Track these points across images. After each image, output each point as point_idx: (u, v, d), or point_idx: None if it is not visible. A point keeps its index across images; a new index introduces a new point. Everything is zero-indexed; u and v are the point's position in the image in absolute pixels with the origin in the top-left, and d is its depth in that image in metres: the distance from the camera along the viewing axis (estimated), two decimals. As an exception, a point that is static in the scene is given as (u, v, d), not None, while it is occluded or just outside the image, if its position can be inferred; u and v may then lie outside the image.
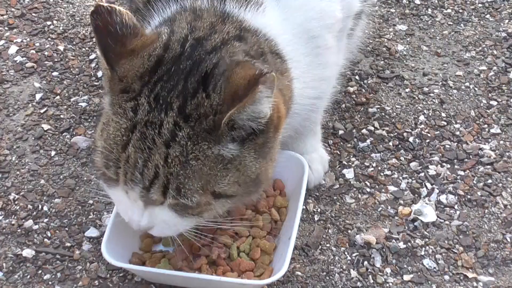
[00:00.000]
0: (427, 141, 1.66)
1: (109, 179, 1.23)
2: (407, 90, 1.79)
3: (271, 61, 1.23)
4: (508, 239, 1.47)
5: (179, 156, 1.15)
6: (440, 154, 1.64)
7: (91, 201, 1.57)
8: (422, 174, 1.60)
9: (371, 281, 1.42)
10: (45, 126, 1.72)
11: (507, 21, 1.96)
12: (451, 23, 1.97)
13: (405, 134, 1.68)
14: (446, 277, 1.42)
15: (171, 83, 1.17)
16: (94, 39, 1.94)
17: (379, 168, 1.61)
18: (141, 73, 1.18)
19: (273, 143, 1.22)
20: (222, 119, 1.13)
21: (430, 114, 1.73)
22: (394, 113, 1.73)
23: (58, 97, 1.80)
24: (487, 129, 1.69)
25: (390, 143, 1.66)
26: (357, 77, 1.82)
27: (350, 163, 1.63)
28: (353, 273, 1.43)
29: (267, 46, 1.24)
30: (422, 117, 1.72)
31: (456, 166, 1.61)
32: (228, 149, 1.17)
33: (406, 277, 1.42)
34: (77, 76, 1.85)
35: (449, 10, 2.00)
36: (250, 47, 1.21)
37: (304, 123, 1.45)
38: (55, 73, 1.85)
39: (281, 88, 1.23)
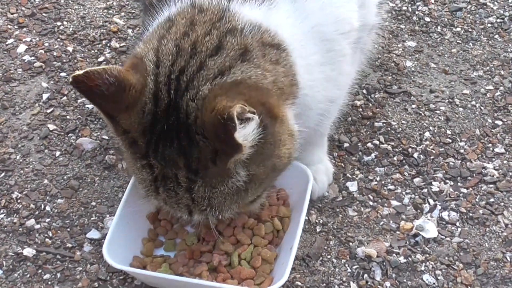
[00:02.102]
0: (432, 157, 1.69)
1: None
2: (413, 106, 1.82)
3: (257, 55, 1.24)
4: (508, 258, 1.50)
5: (202, 199, 1.24)
6: (444, 171, 1.66)
7: (94, 203, 1.60)
8: (425, 190, 1.63)
9: (371, 294, 1.45)
10: (51, 126, 1.75)
11: (515, 42, 2.00)
12: (460, 42, 2.00)
13: (410, 149, 1.71)
14: (445, 294, 1.45)
15: (169, 142, 1.21)
16: (103, 41, 1.98)
17: (383, 182, 1.64)
18: (142, 130, 1.22)
19: (277, 132, 1.23)
20: (225, 160, 1.18)
21: (435, 131, 1.76)
22: (400, 129, 1.76)
23: (65, 98, 1.83)
24: (491, 148, 1.72)
25: (395, 158, 1.69)
26: (364, 91, 1.85)
27: (354, 176, 1.65)
28: (353, 285, 1.45)
29: (256, 39, 1.25)
30: (427, 134, 1.75)
31: (459, 184, 1.64)
32: (240, 176, 1.22)
33: (406, 292, 1.45)
34: (84, 78, 1.88)
35: (458, 29, 2.04)
36: (227, 55, 1.22)
37: (315, 128, 1.47)
38: (63, 74, 1.89)
39: (272, 80, 1.25)
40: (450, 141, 1.73)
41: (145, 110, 1.21)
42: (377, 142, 1.73)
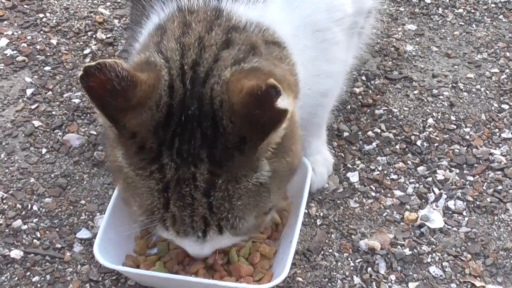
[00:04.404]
0: (436, 145, 1.70)
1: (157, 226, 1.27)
2: (415, 92, 1.83)
3: (264, 52, 1.25)
4: (518, 247, 1.51)
5: (222, 202, 1.19)
6: (449, 159, 1.67)
7: (83, 201, 1.60)
8: (430, 178, 1.63)
9: (375, 288, 1.45)
10: (36, 123, 1.76)
11: (520, 22, 2.01)
12: (462, 24, 2.01)
13: (412, 137, 1.72)
14: (453, 286, 1.45)
15: (188, 134, 1.17)
16: (89, 33, 1.98)
17: (385, 172, 1.65)
18: (154, 127, 1.16)
19: (293, 124, 1.23)
20: (254, 147, 1.14)
21: (439, 117, 1.77)
22: (402, 116, 1.77)
23: (50, 92, 1.83)
24: (498, 134, 1.73)
25: (397, 146, 1.70)
26: (363, 78, 1.86)
27: (355, 166, 1.66)
28: (357, 279, 1.46)
29: (260, 37, 1.26)
30: (430, 120, 1.75)
31: (465, 171, 1.65)
32: (264, 169, 1.20)
33: (412, 285, 1.45)
34: (70, 71, 1.88)
35: (460, 10, 2.05)
36: (238, 49, 1.23)
37: (310, 119, 1.47)
38: (47, 68, 1.89)
39: (283, 74, 1.26)
40: (455, 127, 1.74)
41: (160, 104, 1.17)
42: (378, 130, 1.73)
